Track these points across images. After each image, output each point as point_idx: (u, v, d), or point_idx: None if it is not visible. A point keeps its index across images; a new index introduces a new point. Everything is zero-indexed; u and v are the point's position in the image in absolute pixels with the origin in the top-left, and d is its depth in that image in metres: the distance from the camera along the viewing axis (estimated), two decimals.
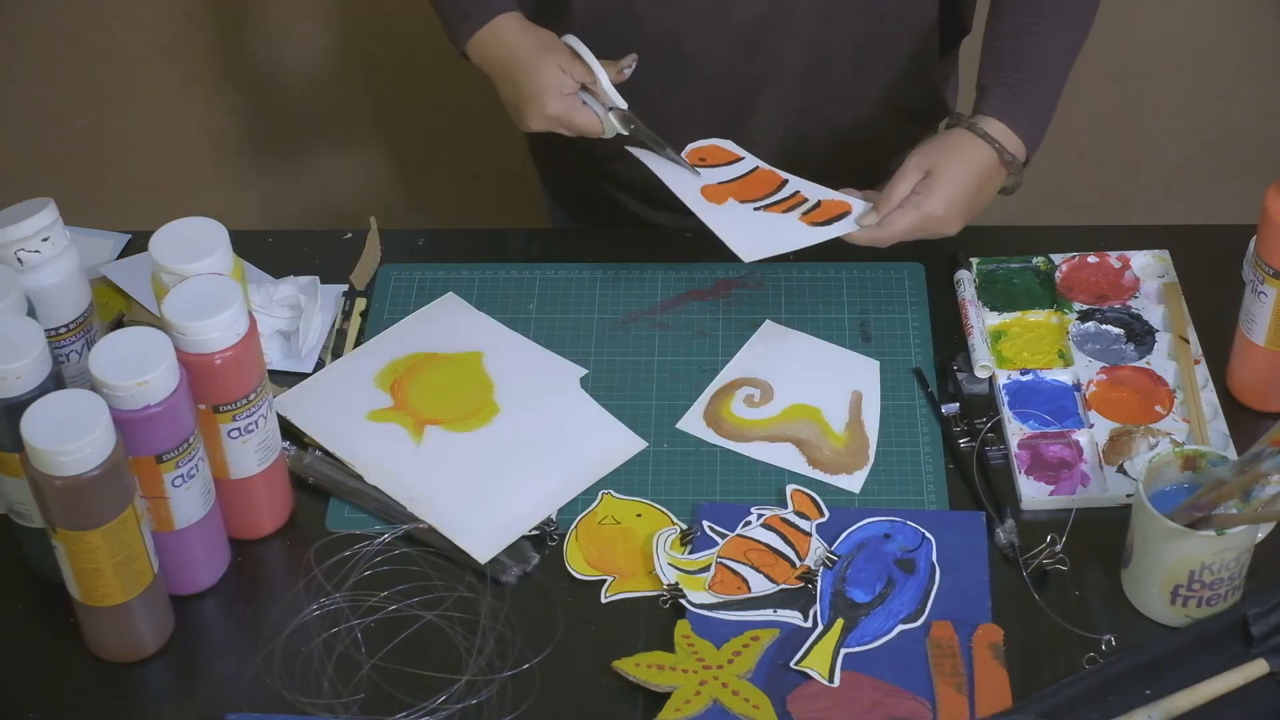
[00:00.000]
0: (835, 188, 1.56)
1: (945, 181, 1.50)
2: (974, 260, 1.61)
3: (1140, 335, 1.54)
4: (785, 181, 1.57)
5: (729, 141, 1.60)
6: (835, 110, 1.62)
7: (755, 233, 1.52)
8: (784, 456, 1.46)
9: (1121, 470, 1.43)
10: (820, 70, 1.63)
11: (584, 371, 1.54)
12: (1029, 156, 1.55)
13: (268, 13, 2.43)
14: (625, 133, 1.56)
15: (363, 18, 2.43)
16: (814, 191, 1.56)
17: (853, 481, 1.44)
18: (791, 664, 1.29)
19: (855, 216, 1.52)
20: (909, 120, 1.72)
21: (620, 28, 1.60)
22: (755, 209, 1.54)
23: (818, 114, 1.62)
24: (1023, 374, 1.51)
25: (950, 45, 1.72)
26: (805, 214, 1.54)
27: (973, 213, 1.53)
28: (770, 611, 1.33)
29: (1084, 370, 1.51)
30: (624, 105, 1.54)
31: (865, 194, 1.55)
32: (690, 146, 1.59)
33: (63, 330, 1.39)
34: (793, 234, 1.52)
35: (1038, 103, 1.55)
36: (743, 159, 1.59)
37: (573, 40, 1.55)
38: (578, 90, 1.55)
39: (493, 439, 1.47)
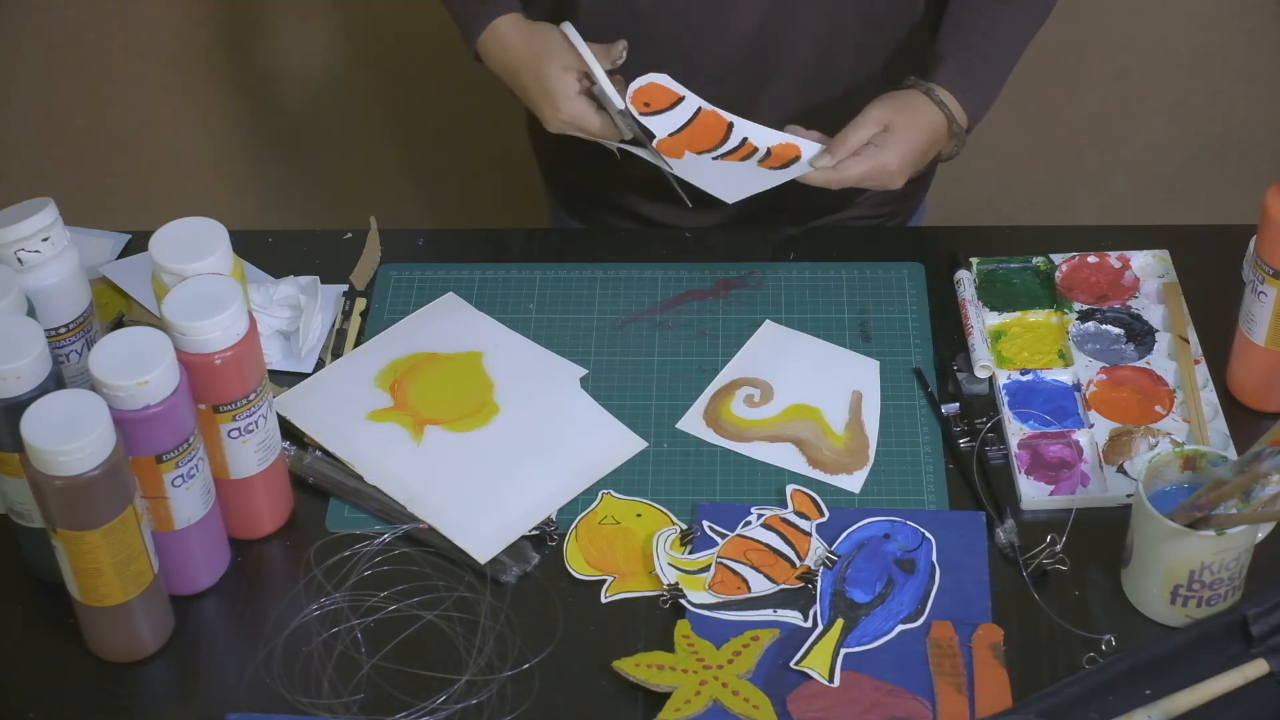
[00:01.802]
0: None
1: (902, 139, 1.54)
2: (974, 260, 1.62)
3: (1140, 335, 1.54)
4: (731, 125, 1.57)
5: (665, 76, 1.57)
6: (836, 108, 1.61)
7: (726, 179, 1.55)
8: (784, 456, 1.46)
9: (1121, 470, 1.43)
10: (822, 69, 1.63)
11: (584, 371, 1.54)
12: (971, 128, 1.60)
13: (268, 13, 2.43)
14: (629, 136, 1.56)
15: (363, 18, 2.43)
16: (762, 137, 1.57)
17: (853, 481, 1.44)
18: (791, 664, 1.29)
19: (808, 159, 1.54)
20: None
21: (623, 29, 1.60)
22: (714, 159, 1.54)
23: (819, 111, 1.62)
24: (1023, 374, 1.51)
25: None
26: (761, 161, 1.55)
27: (916, 171, 1.58)
28: (770, 611, 1.33)
29: (1084, 370, 1.51)
30: (622, 105, 1.54)
31: (814, 135, 1.56)
32: (631, 88, 1.55)
33: (63, 330, 1.39)
34: (756, 178, 1.55)
35: (987, 79, 1.60)
36: (684, 98, 1.57)
37: (570, 32, 1.54)
38: (585, 90, 1.54)
39: (493, 439, 1.47)
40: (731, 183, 1.55)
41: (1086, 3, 2.39)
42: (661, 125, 1.55)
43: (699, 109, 1.57)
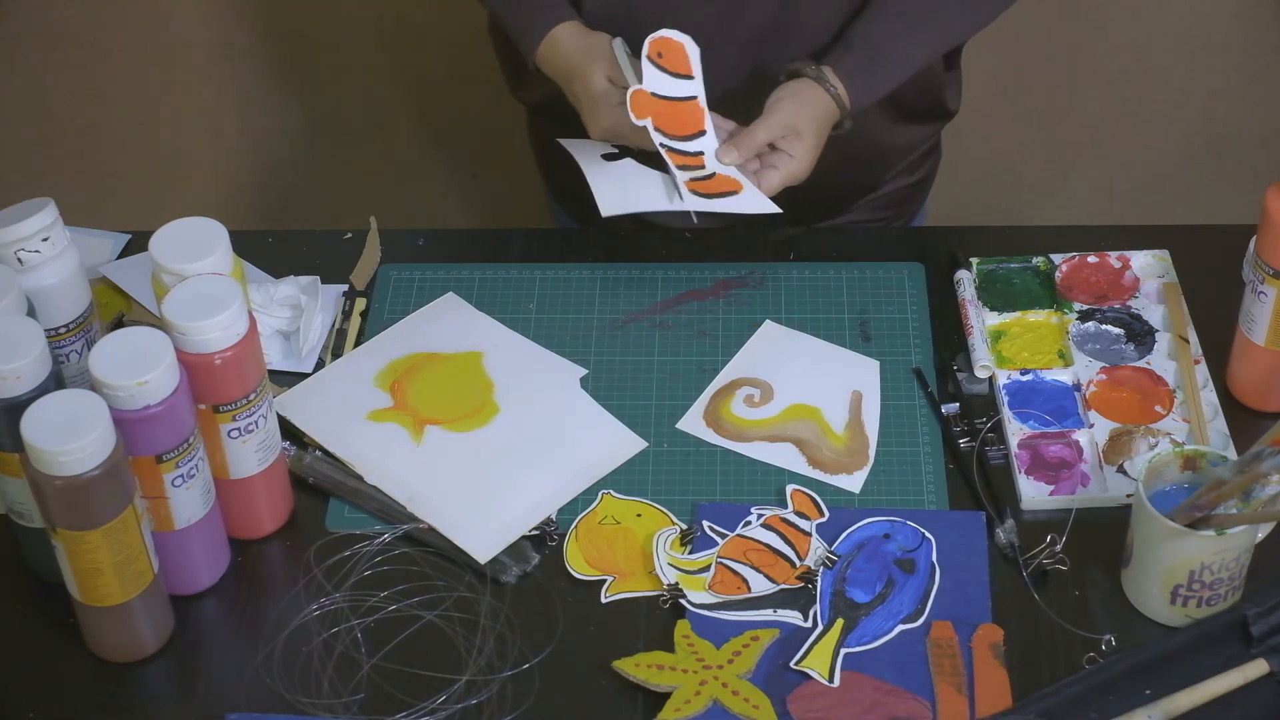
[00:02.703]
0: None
1: (809, 141, 1.54)
2: (974, 260, 1.62)
3: (1140, 335, 1.54)
4: (703, 132, 1.55)
5: (695, 48, 1.54)
6: (785, 70, 1.61)
7: (630, 186, 1.56)
8: (784, 456, 1.46)
9: (1121, 470, 1.43)
10: (780, 55, 1.62)
11: (584, 371, 1.54)
12: (853, 117, 1.59)
13: (268, 13, 2.43)
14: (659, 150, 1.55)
15: (363, 18, 2.43)
16: (711, 159, 1.55)
17: (853, 481, 1.44)
18: (791, 664, 1.29)
19: (715, 152, 1.54)
20: (910, 121, 1.72)
21: (626, 33, 1.60)
22: (660, 144, 1.52)
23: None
24: (1023, 374, 1.51)
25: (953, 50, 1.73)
26: (694, 180, 1.54)
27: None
28: (770, 611, 1.33)
29: (1084, 370, 1.51)
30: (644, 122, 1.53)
31: (729, 124, 1.56)
32: (659, 35, 1.53)
33: (63, 330, 1.39)
34: (662, 198, 1.55)
35: (883, 79, 1.58)
36: (692, 79, 1.54)
37: (617, 47, 1.55)
38: (624, 101, 1.54)
39: (493, 439, 1.47)
40: (628, 193, 1.55)
41: (1086, 3, 2.39)
42: (655, 81, 1.53)
43: (693, 97, 1.55)
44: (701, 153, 1.54)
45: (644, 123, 1.51)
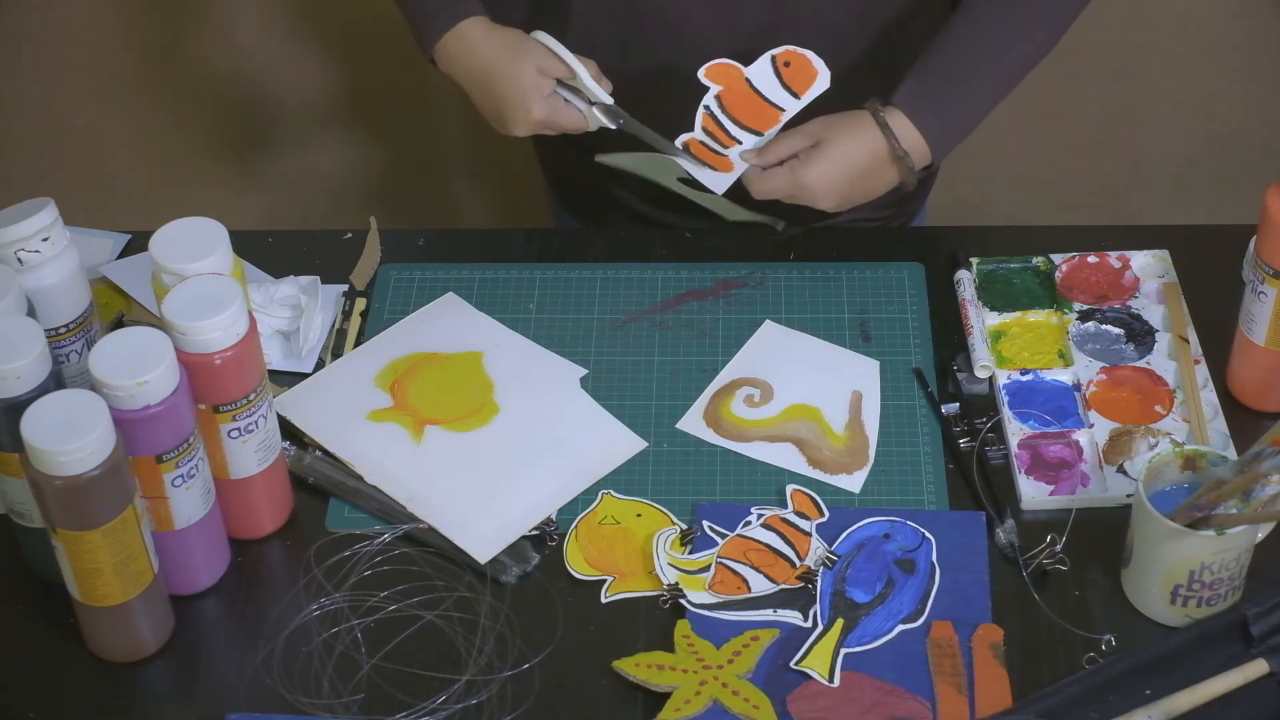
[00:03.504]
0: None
1: (827, 159, 1.51)
2: (974, 260, 1.62)
3: (1140, 335, 1.54)
4: (758, 134, 1.54)
5: (823, 86, 1.51)
6: (837, 108, 1.61)
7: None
8: (784, 456, 1.46)
9: (1121, 470, 1.43)
10: (853, 100, 1.62)
11: (584, 371, 1.54)
12: (935, 161, 1.54)
13: (268, 13, 2.43)
14: (612, 127, 1.56)
15: (364, 17, 2.43)
16: (736, 157, 1.55)
17: (853, 481, 1.44)
18: (791, 664, 1.29)
19: (739, 151, 1.53)
20: None
21: (620, 27, 1.60)
22: (706, 105, 1.53)
23: (819, 112, 1.61)
24: (1023, 374, 1.51)
25: None
26: (701, 143, 1.54)
27: (851, 198, 1.53)
28: (770, 611, 1.33)
29: (1084, 370, 1.51)
30: (609, 100, 1.54)
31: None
32: (797, 50, 1.51)
33: (63, 330, 1.39)
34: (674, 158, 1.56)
35: (958, 110, 1.52)
36: (797, 98, 1.52)
37: (544, 37, 1.54)
38: (556, 89, 1.54)
39: (493, 439, 1.47)
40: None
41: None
42: (759, 76, 1.51)
43: (783, 109, 1.53)
44: (730, 134, 1.54)
45: (715, 87, 1.51)
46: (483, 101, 1.58)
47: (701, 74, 1.52)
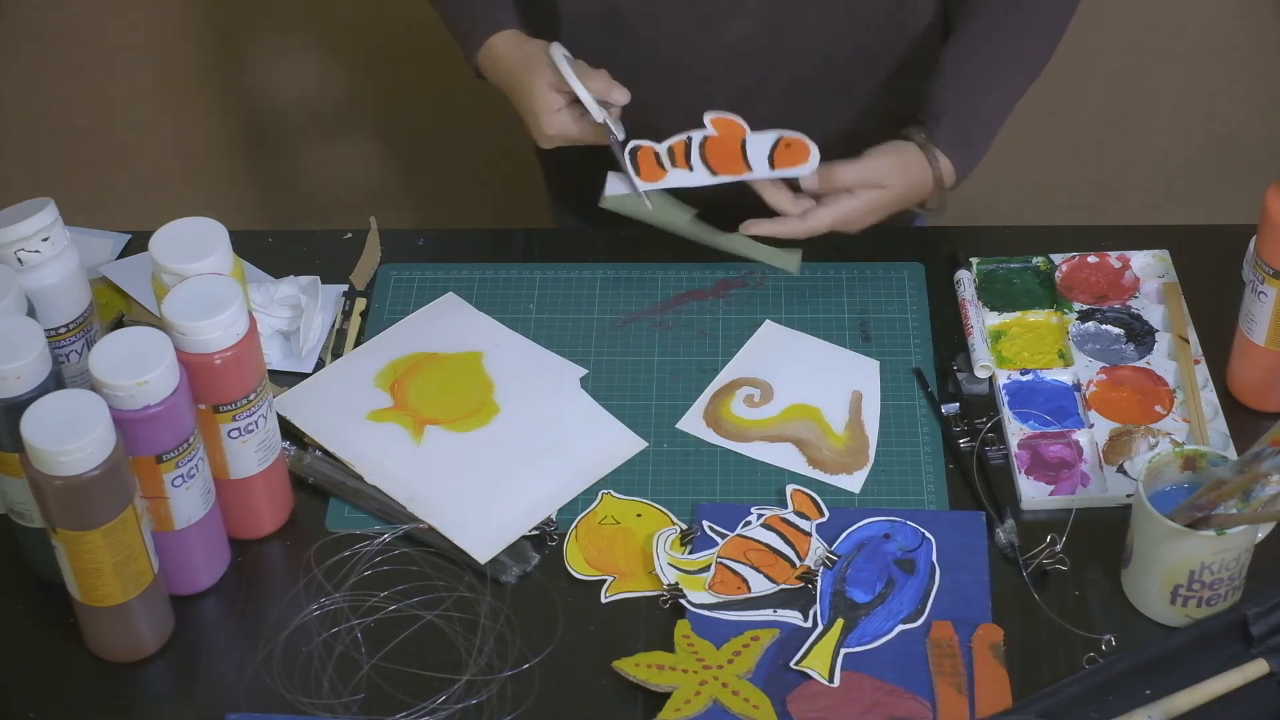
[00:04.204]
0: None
1: (885, 202, 1.54)
2: (974, 260, 1.62)
3: (1140, 335, 1.54)
4: (713, 175, 1.54)
5: (811, 167, 1.53)
6: (827, 121, 1.61)
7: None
8: (784, 456, 1.46)
9: (1121, 470, 1.43)
10: (812, 83, 1.62)
11: (584, 371, 1.54)
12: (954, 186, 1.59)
13: (268, 13, 2.43)
14: (621, 139, 1.55)
15: (364, 17, 2.43)
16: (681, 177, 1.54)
17: (853, 481, 1.44)
18: (791, 664, 1.29)
19: (803, 171, 1.52)
20: (900, 128, 1.71)
21: (610, 40, 1.60)
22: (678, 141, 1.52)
23: (809, 124, 1.61)
24: (1023, 374, 1.51)
25: None
26: (649, 147, 1.53)
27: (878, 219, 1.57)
28: (770, 611, 1.33)
29: (1084, 370, 1.51)
30: (601, 118, 1.52)
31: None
32: (797, 136, 1.52)
33: (63, 330, 1.39)
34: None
35: (983, 137, 1.58)
36: (790, 169, 1.53)
37: (554, 51, 1.54)
38: (569, 104, 1.54)
39: (493, 439, 1.47)
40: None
41: (1087, 3, 2.38)
42: (756, 145, 1.52)
43: (758, 178, 1.54)
44: (690, 162, 1.53)
45: (711, 132, 1.51)
46: (517, 111, 1.59)
47: (708, 119, 1.51)
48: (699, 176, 1.53)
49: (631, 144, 1.53)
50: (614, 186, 1.56)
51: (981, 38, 1.58)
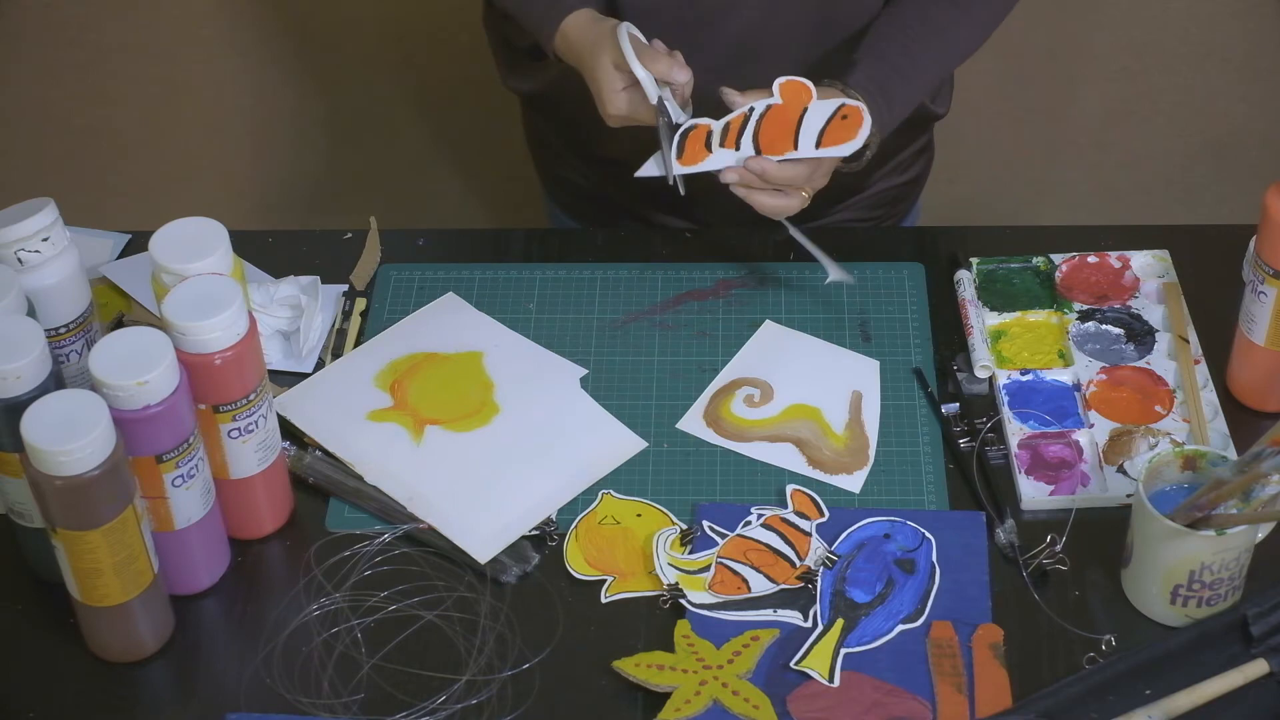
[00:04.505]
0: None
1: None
2: (974, 260, 1.62)
3: (1140, 335, 1.54)
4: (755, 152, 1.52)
5: (864, 137, 1.51)
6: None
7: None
8: (784, 456, 1.46)
9: (1121, 470, 1.43)
10: (815, 65, 1.62)
11: (584, 371, 1.54)
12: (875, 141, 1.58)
13: (268, 13, 2.43)
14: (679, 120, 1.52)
15: (363, 18, 2.43)
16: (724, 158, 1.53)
17: (853, 481, 1.44)
18: (791, 664, 1.29)
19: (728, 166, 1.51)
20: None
21: (670, 19, 1.59)
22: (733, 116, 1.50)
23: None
24: (1023, 374, 1.51)
25: None
26: (706, 124, 1.50)
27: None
28: (770, 611, 1.33)
29: (1084, 370, 1.51)
30: (655, 98, 1.49)
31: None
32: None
33: (63, 330, 1.39)
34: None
35: (900, 100, 1.57)
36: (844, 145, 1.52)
37: (621, 31, 1.51)
38: (632, 84, 1.52)
39: (493, 439, 1.47)
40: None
41: (1086, 3, 2.39)
42: (817, 110, 1.50)
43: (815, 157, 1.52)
44: (739, 142, 1.51)
45: (776, 100, 1.48)
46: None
47: (776, 84, 1.49)
48: (737, 157, 1.51)
49: (688, 123, 1.49)
50: (649, 168, 1.53)
51: (926, 7, 1.58)
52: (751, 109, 1.48)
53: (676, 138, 1.49)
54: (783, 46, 1.60)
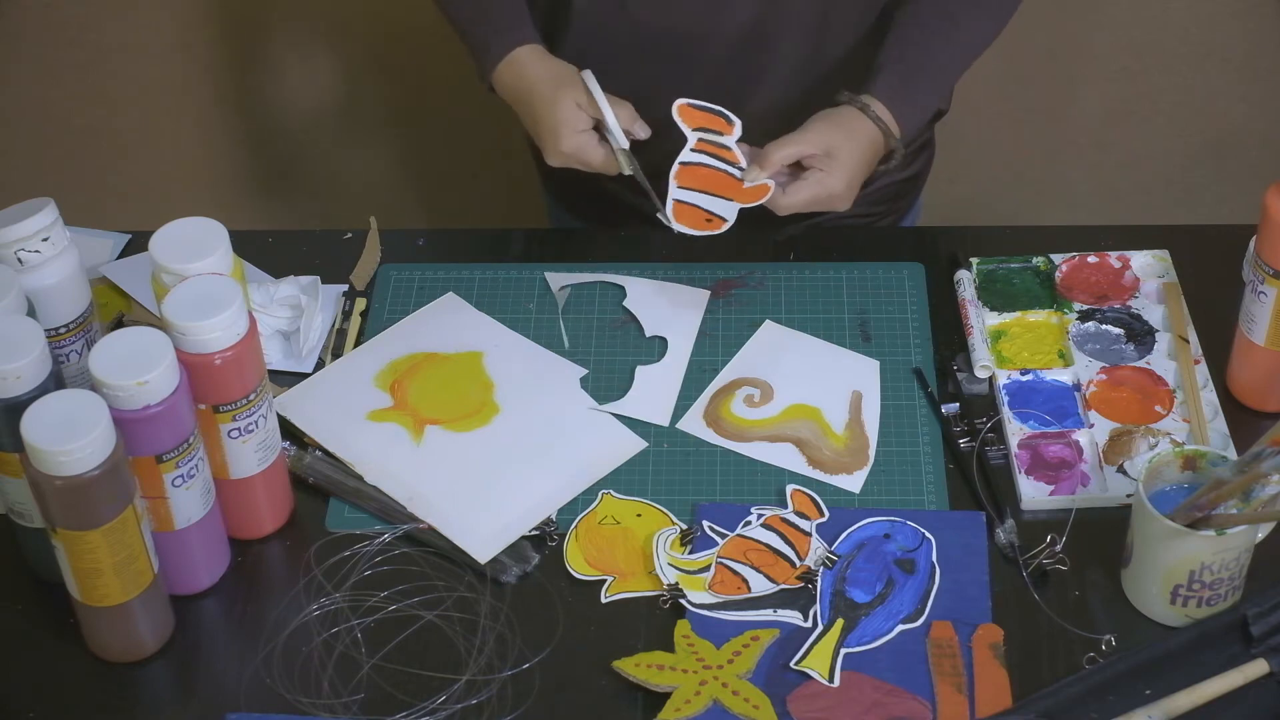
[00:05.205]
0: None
1: (845, 163, 1.52)
2: (974, 260, 1.62)
3: (1140, 335, 1.54)
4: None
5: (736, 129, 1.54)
6: (828, 102, 1.61)
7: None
8: (784, 456, 1.46)
9: (1121, 470, 1.43)
10: (815, 68, 1.63)
11: (584, 371, 1.54)
12: (905, 139, 1.59)
13: (268, 13, 2.43)
14: (629, 173, 1.55)
15: (363, 18, 2.43)
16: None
17: (853, 481, 1.44)
18: (791, 664, 1.29)
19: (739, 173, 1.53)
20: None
21: (616, 30, 1.60)
22: (700, 137, 1.52)
23: (811, 110, 1.62)
24: (1023, 374, 1.51)
25: None
26: (706, 166, 1.53)
27: (856, 191, 1.56)
28: (770, 611, 1.33)
29: (1084, 370, 1.51)
30: (626, 145, 1.53)
31: (744, 147, 1.53)
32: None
33: (63, 330, 1.39)
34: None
35: (924, 95, 1.58)
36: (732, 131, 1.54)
37: (588, 77, 1.54)
38: (591, 127, 1.55)
39: (493, 439, 1.47)
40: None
41: (1086, 3, 2.39)
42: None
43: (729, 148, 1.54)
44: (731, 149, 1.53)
45: (695, 133, 1.51)
46: (527, 124, 1.60)
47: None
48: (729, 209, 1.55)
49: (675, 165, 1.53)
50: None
51: (931, 4, 1.59)
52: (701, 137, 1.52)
53: (668, 208, 1.54)
54: (784, 37, 1.60)
